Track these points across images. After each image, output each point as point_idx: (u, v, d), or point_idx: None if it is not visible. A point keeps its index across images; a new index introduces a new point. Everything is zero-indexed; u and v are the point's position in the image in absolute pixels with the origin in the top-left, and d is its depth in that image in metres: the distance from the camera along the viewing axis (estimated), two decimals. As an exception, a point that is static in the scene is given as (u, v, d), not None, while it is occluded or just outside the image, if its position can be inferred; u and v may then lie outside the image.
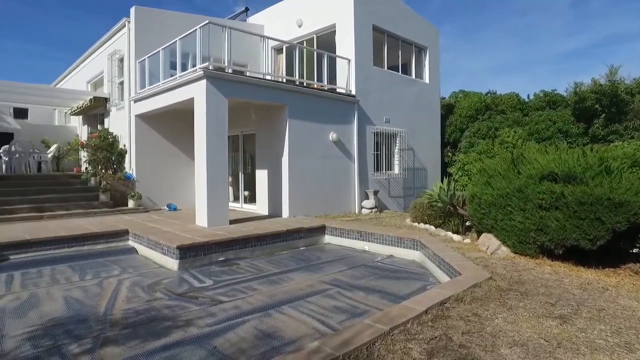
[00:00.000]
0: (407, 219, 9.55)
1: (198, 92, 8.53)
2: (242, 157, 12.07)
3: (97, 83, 15.57)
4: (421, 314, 3.69)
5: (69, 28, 59.39)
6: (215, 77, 8.44)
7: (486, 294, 4.27)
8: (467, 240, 7.10)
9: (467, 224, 8.07)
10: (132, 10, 11.62)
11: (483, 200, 6.38)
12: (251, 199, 11.72)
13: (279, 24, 13.82)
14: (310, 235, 8.53)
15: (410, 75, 14.42)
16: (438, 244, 6.69)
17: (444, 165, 16.16)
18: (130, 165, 11.73)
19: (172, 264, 6.54)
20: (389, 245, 7.68)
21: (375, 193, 11.80)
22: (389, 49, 13.25)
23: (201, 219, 8.50)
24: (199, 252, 6.73)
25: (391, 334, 3.30)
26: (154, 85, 10.61)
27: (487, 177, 6.64)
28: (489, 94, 19.38)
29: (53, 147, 14.07)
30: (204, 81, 8.29)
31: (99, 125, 14.94)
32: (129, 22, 11.79)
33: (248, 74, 9.82)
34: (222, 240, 7.06)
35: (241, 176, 12.08)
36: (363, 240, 8.12)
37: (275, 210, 10.34)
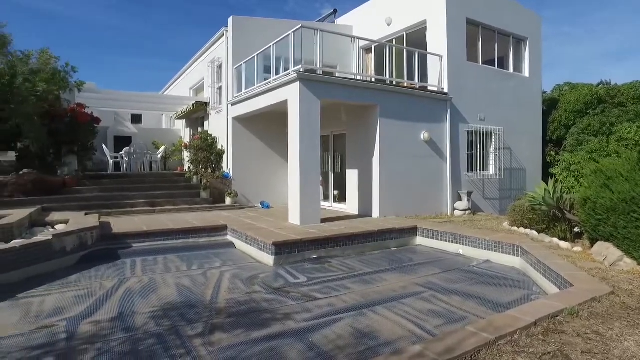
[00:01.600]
0: (505, 223, 8.96)
1: (292, 94, 8.84)
2: (332, 156, 12.27)
3: (198, 89, 16.93)
4: (529, 325, 3.43)
5: (178, 42, 65.61)
6: (308, 79, 8.68)
7: (608, 311, 3.83)
8: (578, 249, 6.45)
9: (577, 230, 7.34)
10: (230, 19, 12.42)
11: (599, 205, 5.75)
12: (341, 198, 11.87)
13: (367, 24, 13.81)
14: (402, 236, 8.39)
15: (508, 69, 13.49)
16: (542, 251, 6.17)
17: (546, 166, 14.86)
18: (227, 165, 12.55)
19: (268, 259, 6.87)
20: (485, 249, 7.27)
21: (469, 194, 11.25)
22: (484, 43, 12.53)
23: (294, 217, 8.80)
24: (293, 249, 6.98)
25: (497, 344, 3.11)
26: (250, 89, 11.24)
27: (604, 179, 5.96)
28: (601, 85, 17.28)
29: (162, 149, 15.58)
30: (297, 83, 8.58)
31: (199, 128, 16.21)
32: (227, 31, 12.63)
33: (337, 74, 9.96)
34: (314, 238, 7.25)
35: (331, 176, 12.28)
36: (457, 243, 7.79)
37: (365, 210, 10.35)
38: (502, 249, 6.95)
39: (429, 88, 11.32)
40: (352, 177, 10.87)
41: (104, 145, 13.97)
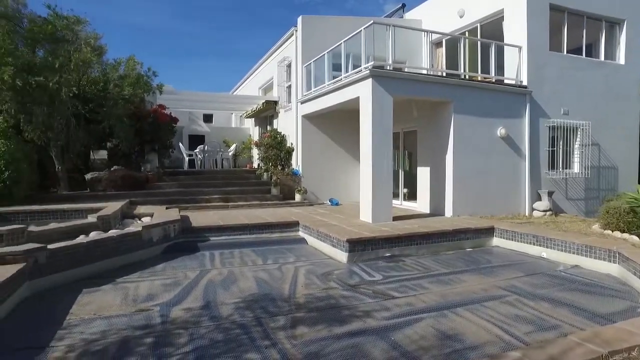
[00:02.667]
0: (594, 225, 8.24)
1: (364, 91, 8.78)
2: (402, 154, 12.02)
3: (267, 88, 17.40)
4: (648, 341, 3.09)
5: (245, 44, 68.26)
6: (381, 76, 8.57)
7: None
8: (688, 256, 5.75)
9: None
10: (299, 19, 12.59)
11: None
12: (411, 196, 11.61)
13: (436, 17, 13.34)
14: (478, 237, 8.02)
15: (598, 57, 12.32)
16: (646, 257, 5.57)
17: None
18: (296, 162, 12.77)
19: (341, 256, 6.87)
20: (573, 253, 6.72)
21: (550, 194, 10.49)
22: (570, 29, 11.56)
23: (365, 215, 8.75)
24: (366, 246, 6.93)
25: None
26: (319, 87, 11.34)
27: None
28: None
29: (233, 147, 16.23)
30: (370, 80, 8.49)
31: (268, 126, 16.66)
32: (296, 30, 12.82)
33: (406, 69, 9.75)
34: (388, 236, 7.14)
35: (401, 173, 12.05)
36: (540, 245, 7.29)
37: (436, 209, 10.03)
38: (595, 254, 6.38)
39: (506, 81, 10.69)
40: (422, 175, 10.58)
41: (180, 144, 14.81)
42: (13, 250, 5.00)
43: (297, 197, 12.09)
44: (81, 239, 6.07)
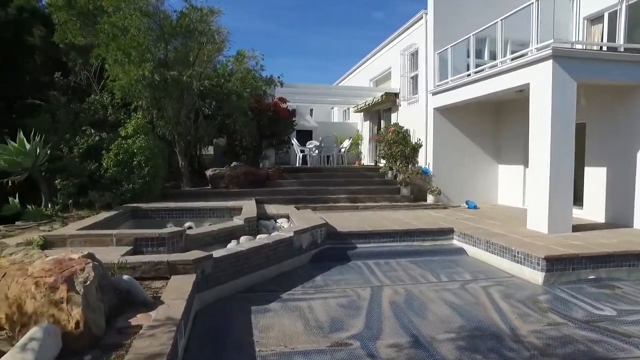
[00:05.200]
0: None
1: (538, 77, 7.31)
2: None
3: (380, 80, 16.31)
4: None
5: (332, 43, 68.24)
6: (564, 56, 7.04)
7: None
8: None
9: None
10: (430, 1, 11.30)
11: None
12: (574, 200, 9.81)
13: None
14: None
15: None
16: None
17: None
18: (425, 160, 11.56)
19: (533, 275, 5.58)
20: None
21: None
22: None
23: (537, 223, 7.31)
24: (566, 265, 5.56)
25: None
26: (458, 76, 10.05)
27: None
28: None
29: (346, 142, 15.41)
30: (549, 62, 7.00)
31: (382, 121, 15.62)
32: (426, 13, 11.56)
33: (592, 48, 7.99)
34: (595, 254, 5.69)
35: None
36: None
37: (616, 218, 8.19)
38: None
39: None
40: (594, 176, 8.75)
41: (294, 139, 14.27)
42: (183, 258, 4.47)
43: (430, 198, 10.88)
44: (240, 246, 5.49)
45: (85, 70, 11.64)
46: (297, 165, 14.45)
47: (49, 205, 7.84)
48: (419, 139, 11.87)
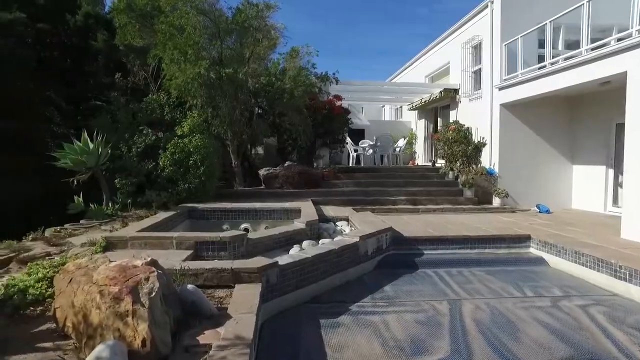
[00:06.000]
0: None
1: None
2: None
3: (436, 76, 15.53)
4: None
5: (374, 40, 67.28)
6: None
7: None
8: None
9: None
10: (498, -11, 10.48)
11: None
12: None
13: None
14: None
15: None
16: None
17: None
18: (490, 160, 10.73)
19: (640, 295, 4.81)
20: None
21: None
22: None
23: (636, 232, 6.41)
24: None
25: None
26: (531, 69, 9.23)
27: None
28: None
29: (401, 141, 14.77)
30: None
31: (439, 119, 14.84)
32: (491, 2, 10.73)
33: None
34: None
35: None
36: None
37: None
38: None
39: None
40: None
41: (348, 138, 13.81)
42: (247, 266, 4.15)
43: (495, 201, 10.08)
44: (304, 252, 5.11)
45: (143, 71, 11.82)
46: (349, 165, 14.00)
47: (110, 204, 7.88)
48: (483, 138, 11.05)
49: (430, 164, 14.43)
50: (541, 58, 9.25)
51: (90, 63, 12.75)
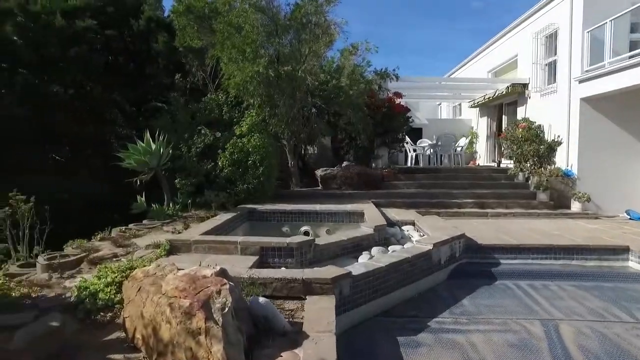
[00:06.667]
0: None
1: None
2: None
3: (500, 71, 14.55)
4: None
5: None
6: None
7: None
8: None
9: None
10: (577, -32, 9.50)
11: None
12: None
13: None
14: None
15: None
16: None
17: None
18: (567, 160, 9.77)
19: None
20: None
21: None
22: None
23: None
24: None
25: None
26: (622, 57, 8.30)
27: None
28: None
29: (462, 141, 13.97)
30: None
31: (504, 116, 13.88)
32: (571, -14, 9.76)
33: None
34: None
35: None
36: None
37: None
38: None
39: None
40: None
41: (407, 137, 13.22)
42: (320, 276, 3.81)
43: (575, 205, 9.15)
44: (377, 261, 4.70)
45: (201, 71, 11.92)
46: (408, 165, 13.41)
47: (170, 204, 7.90)
48: (558, 136, 10.10)
49: (494, 164, 13.52)
50: (633, 45, 8.26)
51: (151, 65, 13.08)
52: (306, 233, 7.26)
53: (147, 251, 4.92)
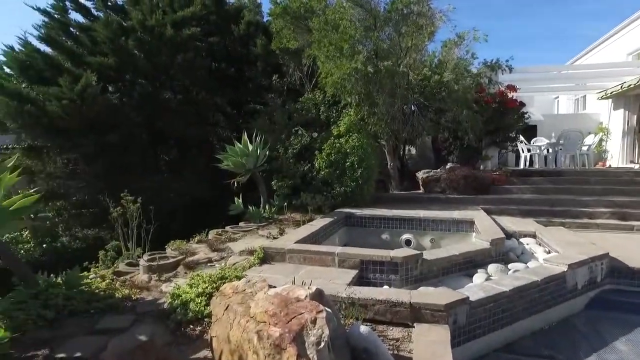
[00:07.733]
0: None
1: None
2: None
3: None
4: None
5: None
6: None
7: None
8: None
9: None
10: None
11: None
12: None
13: None
14: None
15: None
16: None
17: None
18: None
19: None
20: None
21: None
22: None
23: None
24: None
25: None
26: None
27: None
28: None
29: (590, 138, 12.02)
30: None
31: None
32: None
33: None
34: None
35: None
36: None
37: None
38: None
39: None
40: None
41: (520, 135, 11.75)
42: (431, 301, 3.19)
43: None
44: (498, 284, 3.89)
45: (298, 71, 11.85)
46: (519, 166, 11.91)
47: (267, 206, 7.81)
48: None
49: (634, 165, 11.38)
50: None
51: (250, 68, 13.41)
52: (408, 242, 6.63)
53: (240, 257, 4.74)
